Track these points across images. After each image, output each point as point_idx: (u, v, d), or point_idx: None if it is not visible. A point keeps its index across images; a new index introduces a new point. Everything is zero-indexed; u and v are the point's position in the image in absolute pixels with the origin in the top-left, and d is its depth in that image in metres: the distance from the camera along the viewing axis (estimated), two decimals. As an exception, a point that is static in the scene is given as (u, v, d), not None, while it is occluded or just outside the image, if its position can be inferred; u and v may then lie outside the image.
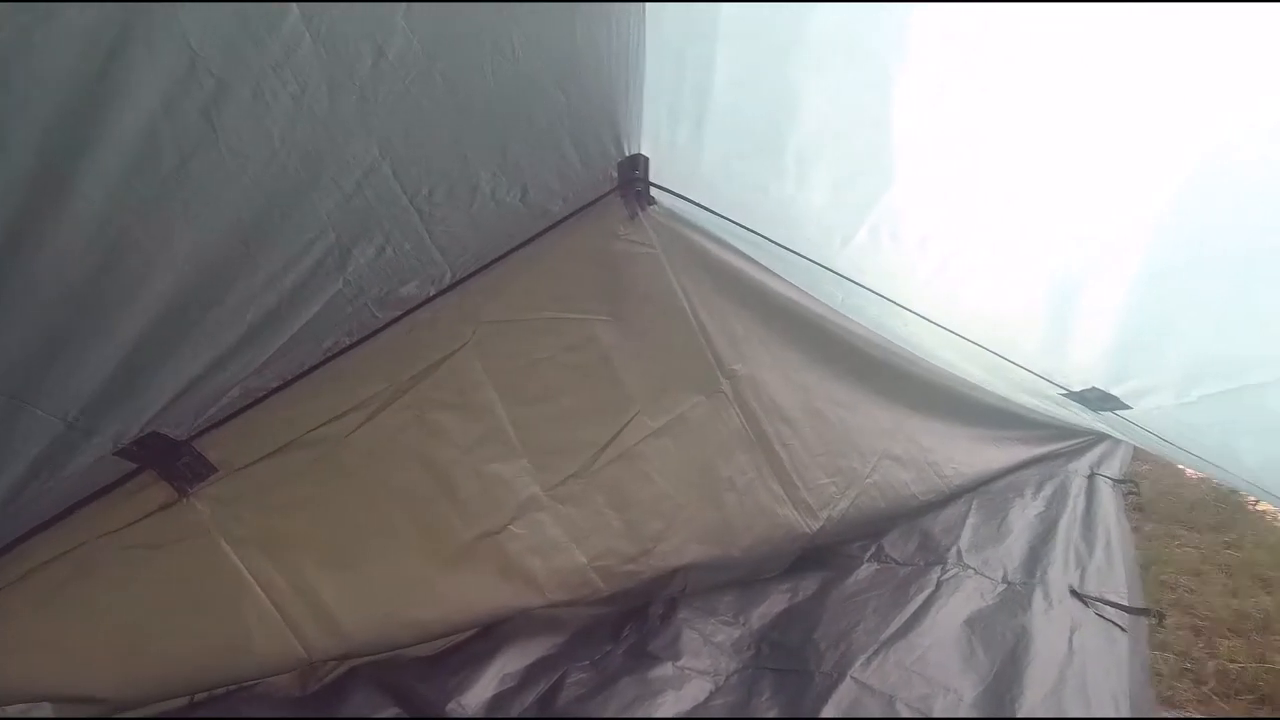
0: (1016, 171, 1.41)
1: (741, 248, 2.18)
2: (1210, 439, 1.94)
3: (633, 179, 1.88)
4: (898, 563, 2.54)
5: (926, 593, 2.29)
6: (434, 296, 1.79)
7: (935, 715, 1.77)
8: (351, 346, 1.73)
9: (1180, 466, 3.28)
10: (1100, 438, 3.34)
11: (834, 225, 1.78)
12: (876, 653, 2.00)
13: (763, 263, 2.24)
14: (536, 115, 1.57)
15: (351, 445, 1.81)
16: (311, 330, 1.57)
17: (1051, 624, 2.12)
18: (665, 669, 2.02)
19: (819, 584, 2.44)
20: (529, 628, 2.13)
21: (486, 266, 1.86)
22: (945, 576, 2.39)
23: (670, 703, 1.90)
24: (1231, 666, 2.00)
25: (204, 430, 1.63)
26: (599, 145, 1.75)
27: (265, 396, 1.67)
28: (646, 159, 1.86)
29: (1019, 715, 1.75)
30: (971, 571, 2.43)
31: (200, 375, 1.44)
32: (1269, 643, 2.09)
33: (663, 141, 1.80)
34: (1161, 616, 2.21)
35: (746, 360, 2.32)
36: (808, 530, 2.47)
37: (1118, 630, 2.12)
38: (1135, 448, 3.31)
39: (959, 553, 2.53)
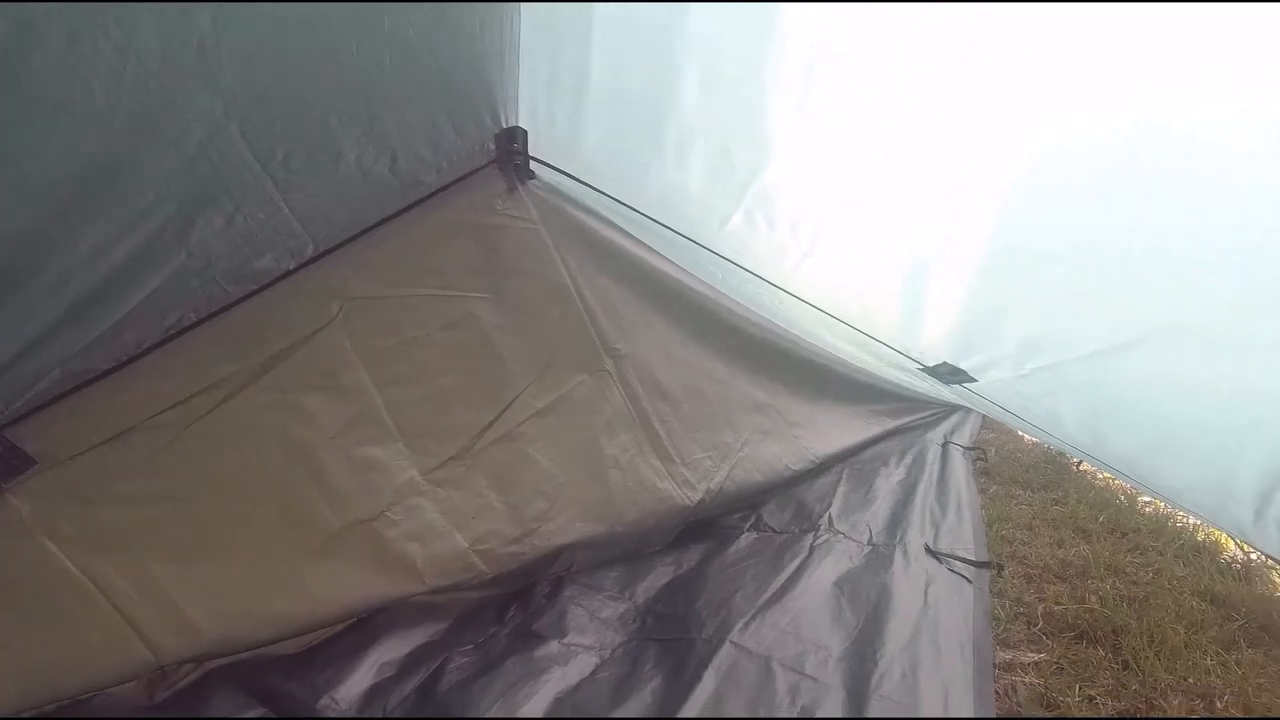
0: (875, 161, 1.49)
1: (624, 225, 2.17)
2: (1040, 407, 2.16)
3: (511, 151, 1.83)
4: (775, 531, 2.67)
5: (800, 558, 2.42)
6: (294, 270, 1.67)
7: (807, 672, 1.88)
8: (199, 323, 1.58)
9: (1019, 433, 3.64)
10: (953, 409, 3.65)
11: (712, 207, 1.81)
12: (754, 617, 2.10)
13: (645, 241, 2.24)
14: (406, 81, 1.49)
15: (202, 431, 1.66)
16: (150, 306, 1.42)
17: (909, 580, 2.31)
18: (551, 647, 2.02)
19: (701, 555, 2.52)
20: (408, 616, 2.07)
21: (353, 239, 1.75)
22: (817, 542, 2.54)
23: (556, 679, 1.90)
24: (1056, 608, 2.25)
25: (19, 418, 1.45)
26: (474, 116, 1.69)
27: (94, 379, 1.50)
28: (525, 132, 1.81)
29: (879, 665, 1.89)
30: (841, 536, 2.60)
31: (11, 358, 1.27)
32: (1087, 586, 2.37)
33: (541, 116, 1.76)
34: (1001, 568, 2.46)
35: (629, 338, 2.33)
36: (688, 503, 2.54)
37: (965, 582, 2.34)
38: (983, 417, 3.64)
39: (830, 519, 2.70)
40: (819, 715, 1.73)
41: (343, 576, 1.93)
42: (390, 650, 1.96)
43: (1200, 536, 2.70)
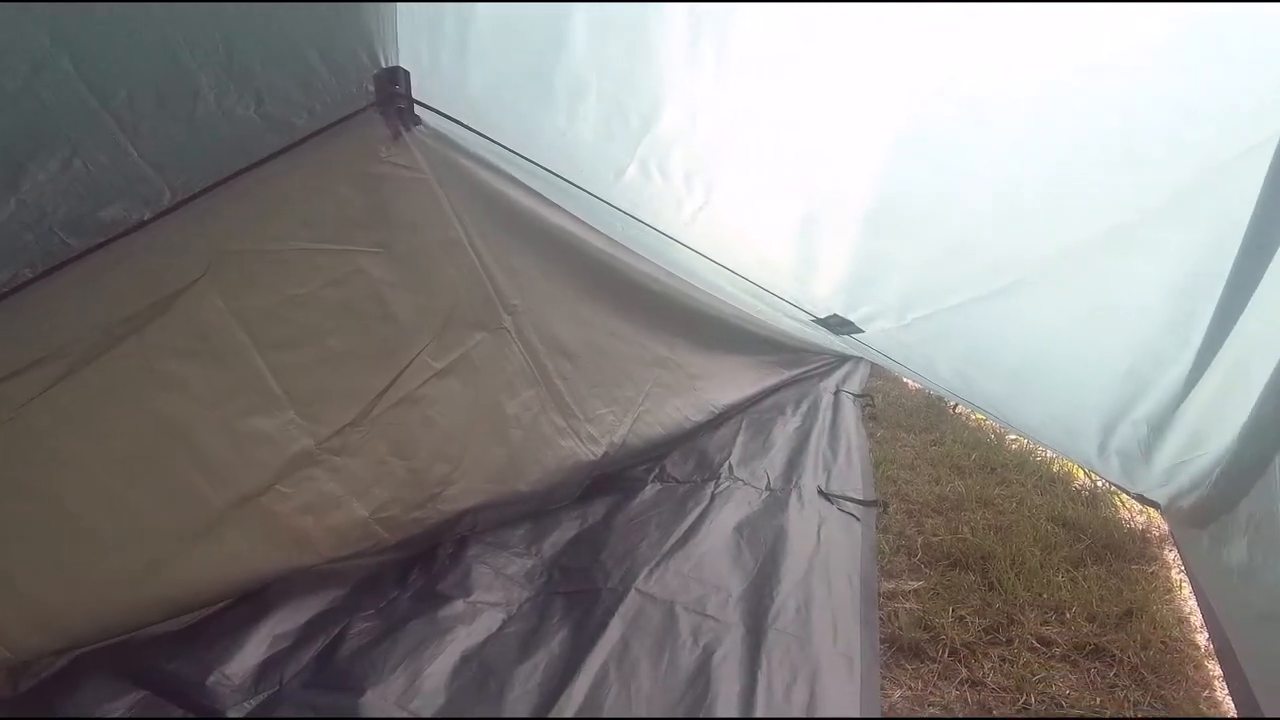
0: (765, 115, 1.50)
1: (518, 176, 2.10)
2: (919, 355, 2.30)
3: (393, 94, 1.71)
4: (678, 481, 2.74)
5: (702, 506, 2.50)
6: (149, 221, 1.51)
7: (709, 613, 1.96)
8: (35, 280, 1.41)
9: (904, 380, 3.87)
10: (845, 358, 3.83)
11: (606, 159, 1.78)
12: (658, 565, 2.16)
13: (540, 192, 2.18)
14: (270, 13, 1.36)
15: (47, 406, 1.49)
16: (-27, 263, 1.26)
17: (804, 522, 2.43)
18: (456, 606, 2.01)
19: (607, 508, 2.55)
20: (302, 585, 1.99)
21: (217, 186, 1.59)
22: (719, 490, 2.63)
23: (461, 637, 1.89)
24: (934, 539, 2.44)
25: None
26: (349, 53, 1.57)
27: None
28: (407, 73, 1.70)
29: (776, 602, 2.00)
30: (741, 483, 2.70)
31: None
32: (960, 518, 2.58)
33: (424, 59, 1.66)
34: (886, 506, 2.63)
35: (526, 294, 2.28)
36: (592, 458, 2.55)
37: (854, 520, 2.49)
38: (872, 365, 3.85)
39: (730, 467, 2.79)
40: (720, 652, 1.81)
41: (229, 556, 1.82)
42: (284, 621, 1.89)
43: (1055, 468, 2.98)
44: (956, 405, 3.57)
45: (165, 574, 1.73)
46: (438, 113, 1.82)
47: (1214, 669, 1.84)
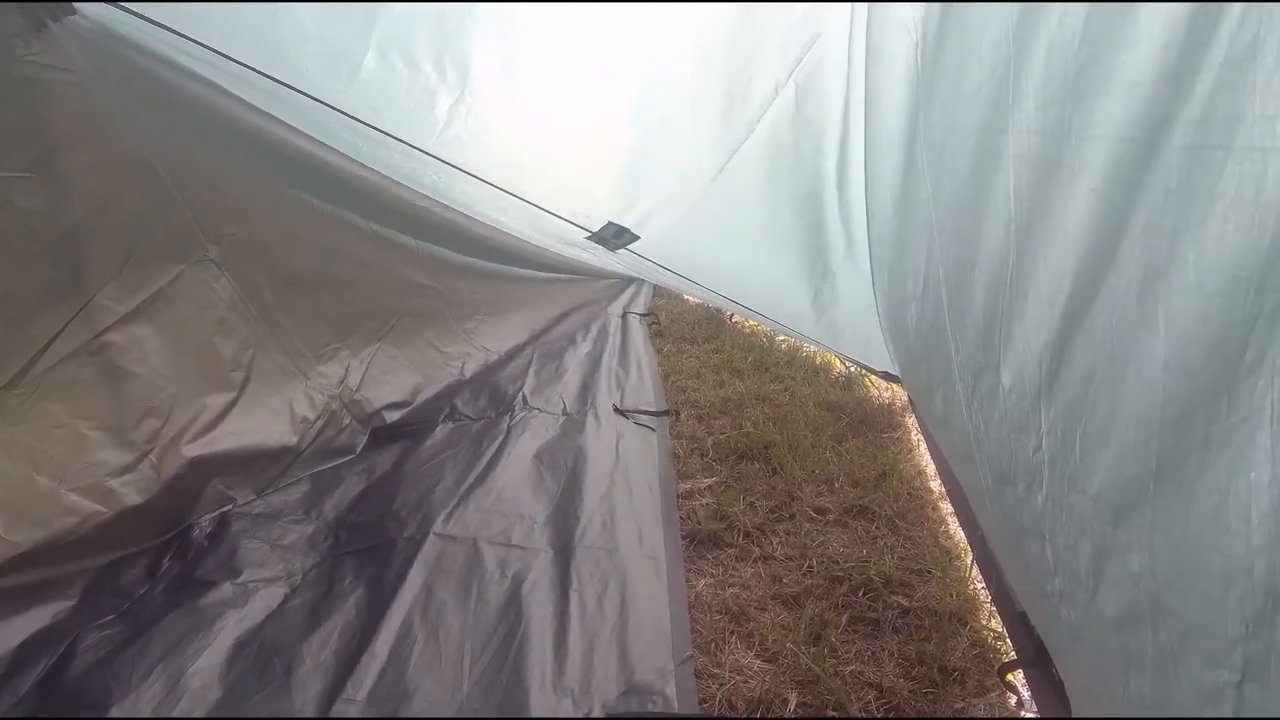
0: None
1: (222, 82, 1.74)
2: (700, 255, 2.34)
3: (24, -33, 1.31)
4: (471, 419, 2.62)
5: (499, 440, 2.43)
6: None
7: (514, 543, 1.93)
8: None
9: (685, 296, 4.05)
10: (629, 281, 3.90)
11: (337, 48, 1.51)
12: (458, 505, 2.07)
13: (255, 103, 1.84)
14: None
15: None
16: None
17: (602, 439, 2.47)
18: (223, 590, 1.78)
19: (396, 456, 2.40)
20: (6, 603, 1.62)
21: None
22: (514, 421, 2.57)
23: (233, 623, 1.68)
24: (722, 438, 2.61)
25: None
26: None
27: None
28: (41, -62, 1.31)
29: (581, 520, 2.01)
30: (537, 412, 2.66)
31: None
32: (743, 415, 2.79)
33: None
34: (678, 413, 2.76)
35: (247, 219, 1.99)
36: (332, 393, 2.37)
37: (650, 431, 2.58)
38: (654, 286, 3.97)
39: (525, 398, 2.74)
40: (530, 579, 1.78)
41: None
42: (-13, 647, 1.54)
43: (818, 361, 3.32)
44: (732, 315, 3.81)
45: None
46: (99, -3, 1.43)
47: (946, 507, 2.18)
